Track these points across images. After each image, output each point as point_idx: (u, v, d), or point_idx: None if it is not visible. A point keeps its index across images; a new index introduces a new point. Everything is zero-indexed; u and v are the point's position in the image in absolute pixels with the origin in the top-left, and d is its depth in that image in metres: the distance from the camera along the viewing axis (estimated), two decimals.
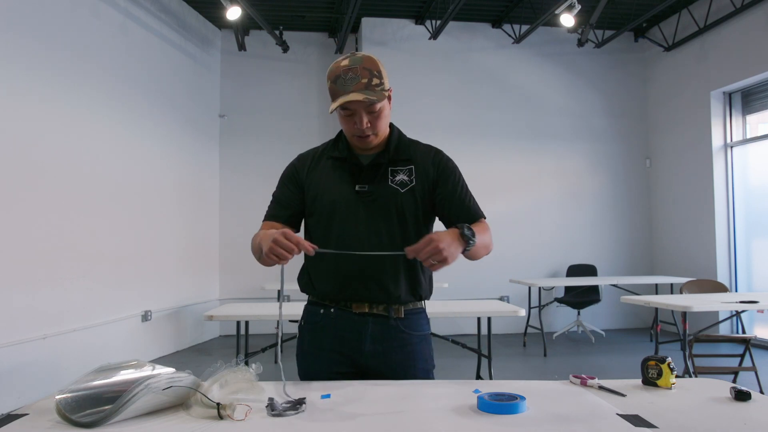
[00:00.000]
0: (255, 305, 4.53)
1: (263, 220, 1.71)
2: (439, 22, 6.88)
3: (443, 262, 1.38)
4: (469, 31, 7.44)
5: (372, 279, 1.60)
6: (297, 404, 1.27)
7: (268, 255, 1.42)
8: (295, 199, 1.68)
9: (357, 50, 7.47)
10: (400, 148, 1.67)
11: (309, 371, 1.65)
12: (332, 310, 1.64)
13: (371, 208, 1.61)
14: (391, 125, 1.70)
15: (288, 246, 1.40)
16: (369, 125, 1.57)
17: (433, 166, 1.67)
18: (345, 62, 1.55)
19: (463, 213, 1.65)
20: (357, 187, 1.62)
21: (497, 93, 7.44)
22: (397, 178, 1.63)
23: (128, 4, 5.65)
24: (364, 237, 1.59)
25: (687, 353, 3.88)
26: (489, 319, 4.12)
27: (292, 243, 1.40)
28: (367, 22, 7.23)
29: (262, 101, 7.46)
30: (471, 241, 1.45)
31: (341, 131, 1.69)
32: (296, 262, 1.59)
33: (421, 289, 1.67)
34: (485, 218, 1.69)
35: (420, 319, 1.69)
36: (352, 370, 1.62)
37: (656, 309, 5.66)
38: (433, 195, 1.65)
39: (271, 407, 1.24)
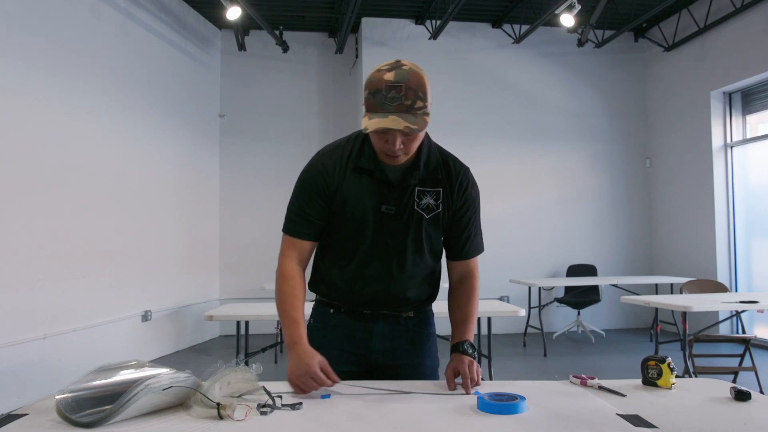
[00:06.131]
0: (255, 305, 4.53)
1: (286, 233, 1.57)
2: (439, 22, 6.88)
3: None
4: (469, 31, 7.44)
5: (397, 296, 1.62)
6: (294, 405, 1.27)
7: (294, 386, 1.39)
8: (323, 213, 1.55)
9: (357, 50, 7.47)
10: (430, 166, 1.56)
11: None
12: (342, 310, 1.64)
13: (395, 230, 1.55)
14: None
15: (323, 384, 1.38)
16: (402, 147, 1.44)
17: (459, 194, 1.59)
18: (389, 76, 1.39)
19: (466, 247, 1.66)
20: (383, 208, 1.53)
21: (497, 93, 7.43)
22: (423, 201, 1.56)
23: (128, 4, 5.65)
24: (389, 259, 1.57)
25: (687, 353, 3.88)
26: (489, 319, 4.12)
27: (323, 379, 1.38)
28: (367, 22, 7.22)
29: (262, 101, 7.46)
30: (475, 357, 1.56)
31: (367, 136, 1.55)
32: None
33: (434, 295, 1.72)
34: (483, 250, 1.71)
35: (428, 317, 1.74)
36: (361, 368, 1.62)
37: (656, 309, 5.66)
38: (450, 219, 1.62)
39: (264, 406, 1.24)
